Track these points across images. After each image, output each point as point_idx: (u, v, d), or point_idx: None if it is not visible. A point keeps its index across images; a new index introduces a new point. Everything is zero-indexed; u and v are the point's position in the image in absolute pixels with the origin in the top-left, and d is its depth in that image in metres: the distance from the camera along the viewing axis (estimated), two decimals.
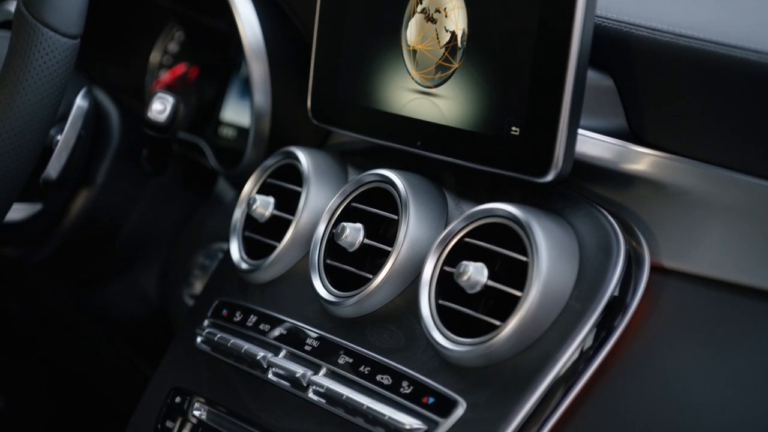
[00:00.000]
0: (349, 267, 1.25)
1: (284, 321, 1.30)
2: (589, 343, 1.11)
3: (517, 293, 1.12)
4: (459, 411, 1.13)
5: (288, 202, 1.35)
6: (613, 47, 1.18)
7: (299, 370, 1.24)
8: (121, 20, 1.75)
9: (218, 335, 1.33)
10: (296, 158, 1.35)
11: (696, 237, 1.12)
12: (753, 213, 1.10)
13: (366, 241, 1.25)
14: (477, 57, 1.19)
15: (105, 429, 1.68)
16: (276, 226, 1.35)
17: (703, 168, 1.13)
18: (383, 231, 1.25)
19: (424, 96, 1.24)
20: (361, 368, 1.21)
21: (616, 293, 1.11)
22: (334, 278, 1.26)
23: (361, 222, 1.25)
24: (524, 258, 1.13)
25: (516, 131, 1.16)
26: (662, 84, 1.15)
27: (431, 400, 1.15)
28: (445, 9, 1.22)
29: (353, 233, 1.25)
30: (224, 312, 1.36)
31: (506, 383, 1.12)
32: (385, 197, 1.26)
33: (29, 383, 1.94)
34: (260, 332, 1.31)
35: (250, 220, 1.38)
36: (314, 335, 1.27)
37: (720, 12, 1.25)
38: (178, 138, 1.60)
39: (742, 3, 1.29)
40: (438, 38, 1.23)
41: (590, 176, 1.19)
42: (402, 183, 1.24)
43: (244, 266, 1.36)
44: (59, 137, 1.42)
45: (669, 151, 1.15)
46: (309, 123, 1.36)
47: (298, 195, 1.33)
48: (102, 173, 1.56)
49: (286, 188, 1.36)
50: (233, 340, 1.31)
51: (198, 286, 1.57)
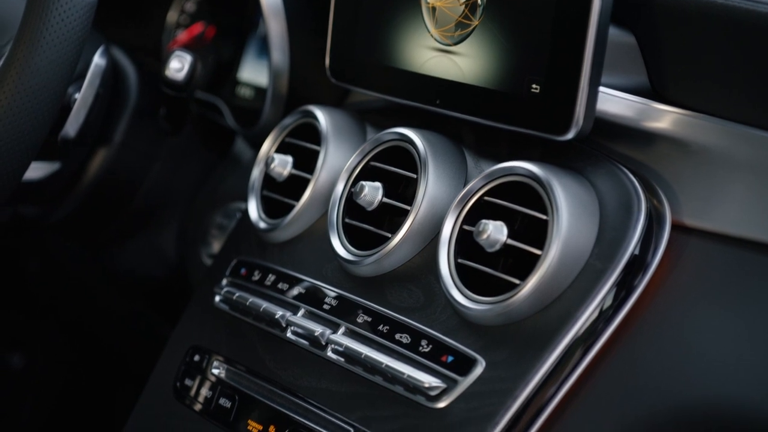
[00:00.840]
0: (368, 226, 1.25)
1: (303, 280, 1.30)
2: (609, 303, 1.11)
3: (537, 252, 1.12)
4: (478, 369, 1.13)
5: (306, 161, 1.34)
6: (635, 3, 1.17)
7: (318, 329, 1.24)
8: None
9: (237, 294, 1.33)
10: (314, 117, 1.35)
11: (718, 195, 1.11)
12: None
13: (385, 200, 1.24)
14: (497, 14, 1.18)
15: (124, 388, 1.69)
16: (294, 185, 1.34)
17: (726, 125, 1.12)
18: (402, 190, 1.25)
19: (444, 54, 1.23)
20: (380, 327, 1.21)
21: (637, 252, 1.11)
22: (353, 237, 1.26)
23: (380, 181, 1.25)
24: (544, 216, 1.12)
25: (536, 89, 1.15)
26: (684, 40, 1.14)
27: (450, 359, 1.15)
28: None
29: (372, 192, 1.24)
30: (243, 271, 1.36)
31: (525, 342, 1.12)
32: (404, 156, 1.25)
33: (47, 343, 1.94)
34: (279, 291, 1.31)
35: (269, 180, 1.37)
36: (333, 294, 1.26)
37: None
38: (196, 98, 1.59)
39: None
40: None
41: (611, 134, 1.18)
42: (421, 141, 1.23)
43: (263, 225, 1.36)
44: (77, 95, 1.41)
45: (691, 109, 1.14)
46: (327, 82, 1.36)
47: (317, 154, 1.33)
48: (120, 132, 1.56)
49: (305, 147, 1.35)
50: (252, 299, 1.31)
51: (216, 246, 1.57)
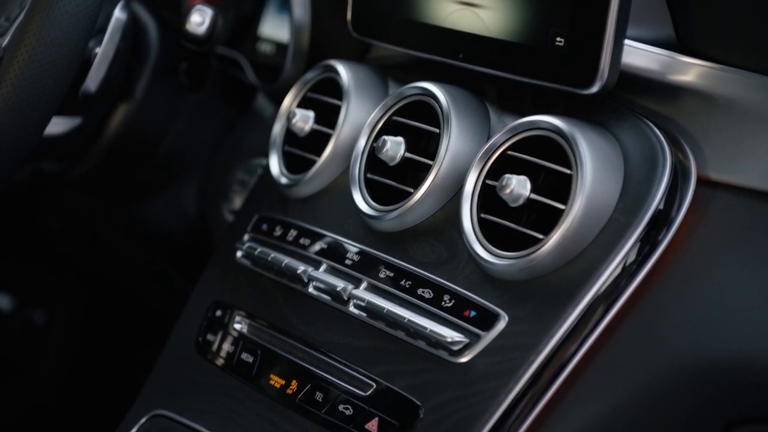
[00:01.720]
0: (390, 181, 1.25)
1: (324, 235, 1.29)
2: (633, 258, 1.10)
3: (561, 206, 1.11)
4: (500, 324, 1.13)
5: (328, 116, 1.33)
6: None
7: (340, 284, 1.24)
8: None
9: (258, 249, 1.33)
10: (336, 72, 1.34)
11: (744, 148, 1.10)
12: None
13: (407, 155, 1.24)
14: None
15: (145, 343, 1.70)
16: (316, 141, 1.34)
17: (753, 78, 1.11)
18: (424, 145, 1.24)
19: (467, 7, 1.22)
20: (402, 282, 1.21)
21: (661, 207, 1.10)
22: (375, 192, 1.26)
23: (402, 136, 1.24)
24: (568, 171, 1.11)
25: (560, 42, 1.14)
26: None
27: (473, 314, 1.15)
28: None
29: (394, 147, 1.24)
30: (264, 227, 1.36)
31: (548, 297, 1.12)
32: (427, 111, 1.24)
33: (69, 299, 1.95)
34: (300, 246, 1.31)
35: (290, 135, 1.37)
36: (355, 249, 1.26)
37: None
38: (217, 53, 1.59)
39: None
40: None
41: (636, 88, 1.17)
42: (444, 96, 1.22)
43: (284, 181, 1.35)
44: (98, 50, 1.41)
45: (717, 61, 1.13)
46: (349, 36, 1.35)
47: (338, 109, 1.32)
48: (141, 87, 1.55)
49: (326, 102, 1.34)
50: (273, 255, 1.31)
51: (237, 202, 1.57)
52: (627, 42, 1.13)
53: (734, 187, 1.11)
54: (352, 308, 1.23)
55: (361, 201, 1.26)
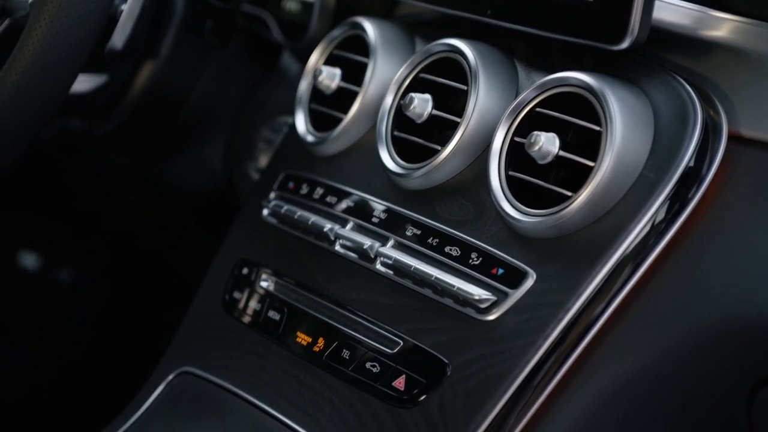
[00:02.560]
0: (417, 139, 1.24)
1: (351, 193, 1.29)
2: (662, 216, 1.10)
3: (590, 163, 1.10)
4: (528, 282, 1.12)
5: (354, 74, 1.33)
6: None
7: (366, 242, 1.23)
8: None
9: (285, 207, 1.32)
10: (363, 29, 1.33)
11: None
12: None
13: (434, 112, 1.23)
14: None
15: (171, 302, 1.70)
16: (342, 98, 1.33)
17: None
18: (452, 102, 1.23)
19: None
20: (429, 240, 1.20)
21: (692, 164, 1.09)
22: (402, 150, 1.25)
23: (430, 93, 1.23)
24: (597, 128, 1.11)
25: None
26: None
27: (500, 272, 1.14)
28: None
29: (421, 104, 1.23)
30: (290, 185, 1.36)
31: (577, 254, 1.11)
32: (454, 68, 1.23)
33: (94, 258, 1.96)
34: (327, 204, 1.30)
35: (316, 92, 1.36)
36: (381, 207, 1.26)
37: None
38: (242, 11, 1.58)
39: None
40: None
41: (667, 44, 1.15)
42: (471, 52, 1.21)
43: (310, 139, 1.35)
44: (123, 7, 1.40)
45: (750, 16, 1.11)
46: None
47: (365, 66, 1.32)
48: (166, 45, 1.55)
49: (353, 59, 1.34)
50: (300, 212, 1.30)
51: (263, 160, 1.56)
52: None
53: (766, 144, 1.09)
54: (379, 266, 1.23)
55: (388, 159, 1.25)
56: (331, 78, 1.34)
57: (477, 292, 1.14)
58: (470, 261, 1.16)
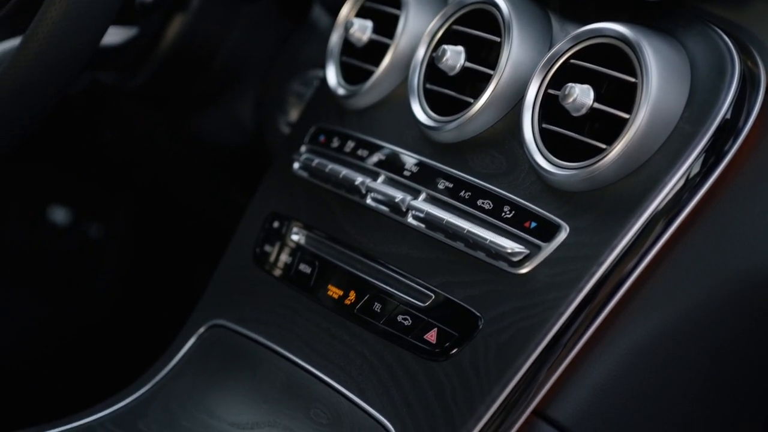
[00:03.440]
0: (450, 91, 1.23)
1: (383, 147, 1.28)
2: (697, 169, 1.09)
3: (625, 116, 1.09)
4: (561, 235, 1.12)
5: (386, 26, 1.32)
6: None
7: (398, 195, 1.23)
8: None
9: (316, 161, 1.32)
10: None
11: None
12: None
13: (467, 65, 1.22)
14: None
15: (202, 256, 1.70)
16: (374, 51, 1.32)
17: None
18: (485, 54, 1.22)
19: None
20: (462, 193, 1.20)
21: (729, 116, 1.08)
22: (434, 103, 1.24)
23: (462, 45, 1.22)
24: (633, 79, 1.09)
25: None
26: None
27: (533, 225, 1.14)
28: None
29: (454, 56, 1.22)
30: (321, 138, 1.35)
31: (611, 208, 1.10)
32: (487, 19, 1.22)
33: (125, 213, 1.96)
34: (358, 158, 1.30)
35: (347, 45, 1.35)
36: (413, 161, 1.25)
37: None
38: None
39: None
40: None
41: None
42: (505, 4, 1.20)
43: (342, 92, 1.34)
44: None
45: None
46: None
47: (397, 18, 1.30)
48: None
49: (384, 11, 1.32)
50: (331, 166, 1.30)
51: (294, 114, 1.56)
52: None
53: None
54: (411, 219, 1.22)
55: (420, 112, 1.25)
56: (363, 30, 1.33)
57: (509, 246, 1.13)
58: (503, 214, 1.16)
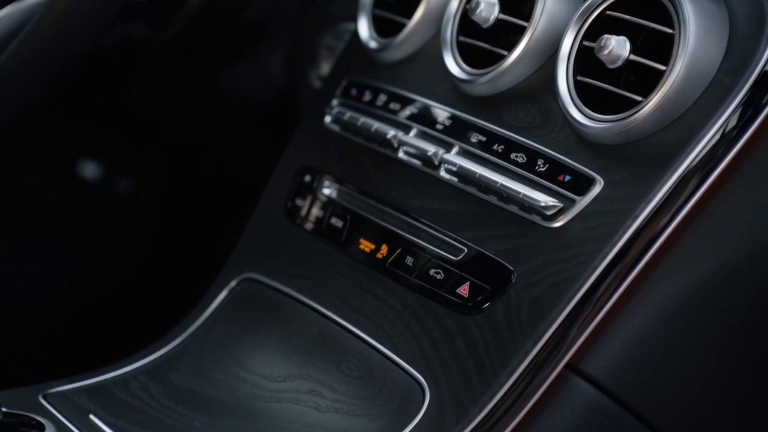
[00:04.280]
0: (483, 44, 1.22)
1: (415, 100, 1.28)
2: (734, 123, 1.08)
3: (661, 67, 1.08)
4: (596, 189, 1.11)
5: None
6: None
7: (431, 149, 1.22)
8: None
9: (348, 114, 1.31)
10: None
11: None
12: None
13: (501, 17, 1.21)
14: None
15: (233, 211, 1.70)
16: (406, 3, 1.31)
17: None
18: (519, 6, 1.21)
19: None
20: (495, 146, 1.19)
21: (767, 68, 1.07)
22: (467, 56, 1.23)
23: None
24: (670, 30, 1.08)
25: None
26: None
27: (567, 178, 1.13)
28: None
29: (488, 8, 1.21)
30: (353, 92, 1.34)
31: (646, 161, 1.09)
32: None
33: (156, 168, 1.96)
34: (390, 111, 1.29)
35: None
36: (446, 114, 1.24)
37: None
38: None
39: None
40: None
41: None
42: None
43: (374, 45, 1.33)
44: None
45: None
46: None
47: None
48: None
49: None
50: (363, 119, 1.29)
51: (325, 68, 1.55)
52: None
53: None
54: (443, 173, 1.21)
55: (453, 64, 1.24)
56: None
57: (543, 199, 1.12)
58: (536, 168, 1.15)
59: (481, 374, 1.11)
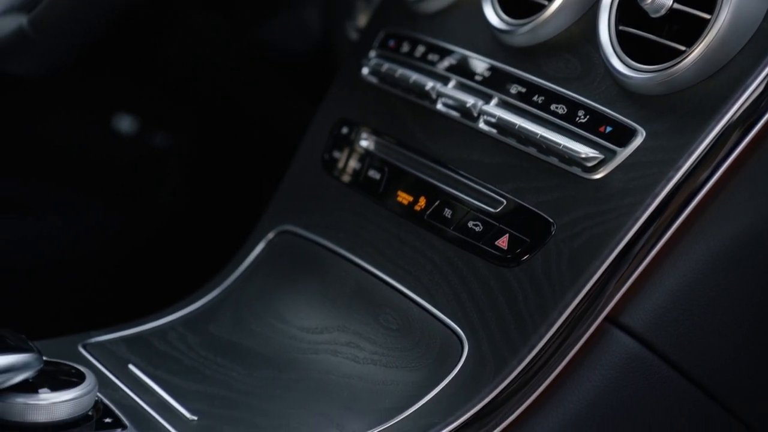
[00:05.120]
0: None
1: (454, 51, 1.26)
2: None
3: (706, 16, 1.07)
4: (638, 140, 1.10)
5: None
6: None
7: (470, 100, 1.21)
8: None
9: (386, 66, 1.30)
10: None
11: None
12: None
13: None
14: None
15: (269, 164, 1.70)
16: None
17: None
18: None
19: None
20: (535, 97, 1.18)
21: None
22: (507, 5, 1.22)
23: None
24: None
25: None
26: None
27: (608, 129, 1.12)
28: None
29: None
30: (391, 43, 1.33)
31: (689, 111, 1.08)
32: None
33: (190, 122, 1.96)
34: (429, 63, 1.28)
35: None
36: (485, 65, 1.23)
37: None
38: None
39: None
40: None
41: None
42: None
43: None
44: None
45: None
46: None
47: None
48: None
49: None
50: (401, 71, 1.28)
51: (362, 19, 1.54)
52: None
53: None
54: (482, 124, 1.20)
55: (493, 15, 1.22)
56: None
57: (584, 150, 1.11)
58: (577, 119, 1.14)
59: (520, 326, 1.10)
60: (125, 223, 1.86)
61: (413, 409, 1.11)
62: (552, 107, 1.16)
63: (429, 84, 1.25)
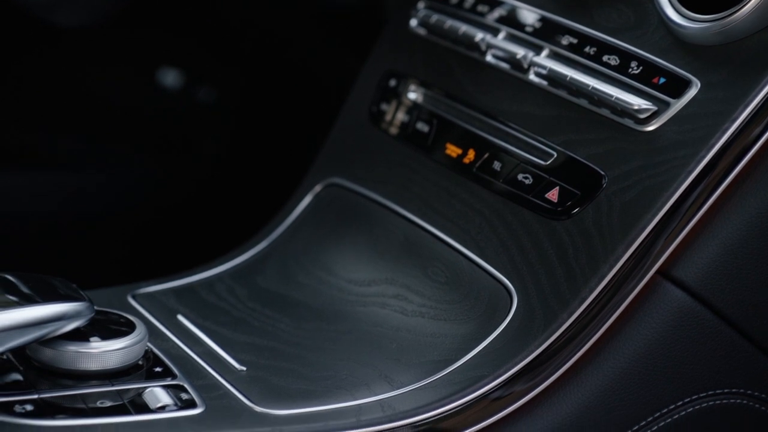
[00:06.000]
0: None
1: (503, 2, 1.25)
2: None
3: None
4: (692, 91, 1.08)
5: None
6: None
7: (520, 52, 1.20)
8: None
9: (434, 17, 1.29)
10: None
11: None
12: None
13: None
14: None
15: (317, 118, 1.69)
16: None
17: None
18: None
19: None
20: (586, 49, 1.16)
21: None
22: None
23: None
24: None
25: None
26: None
27: (662, 80, 1.10)
28: None
29: None
30: None
31: (745, 61, 1.06)
32: None
33: (237, 76, 1.95)
34: (478, 14, 1.27)
35: None
36: (536, 16, 1.22)
37: None
38: None
39: None
40: None
41: None
42: None
43: None
44: None
45: None
46: None
47: None
48: None
49: None
50: (450, 22, 1.27)
51: None
52: None
53: None
54: (533, 76, 1.19)
55: None
56: None
57: (636, 102, 1.10)
58: (629, 70, 1.12)
59: (570, 279, 1.10)
60: (172, 177, 1.87)
61: (462, 362, 1.10)
62: (604, 58, 1.14)
63: (479, 35, 1.24)
